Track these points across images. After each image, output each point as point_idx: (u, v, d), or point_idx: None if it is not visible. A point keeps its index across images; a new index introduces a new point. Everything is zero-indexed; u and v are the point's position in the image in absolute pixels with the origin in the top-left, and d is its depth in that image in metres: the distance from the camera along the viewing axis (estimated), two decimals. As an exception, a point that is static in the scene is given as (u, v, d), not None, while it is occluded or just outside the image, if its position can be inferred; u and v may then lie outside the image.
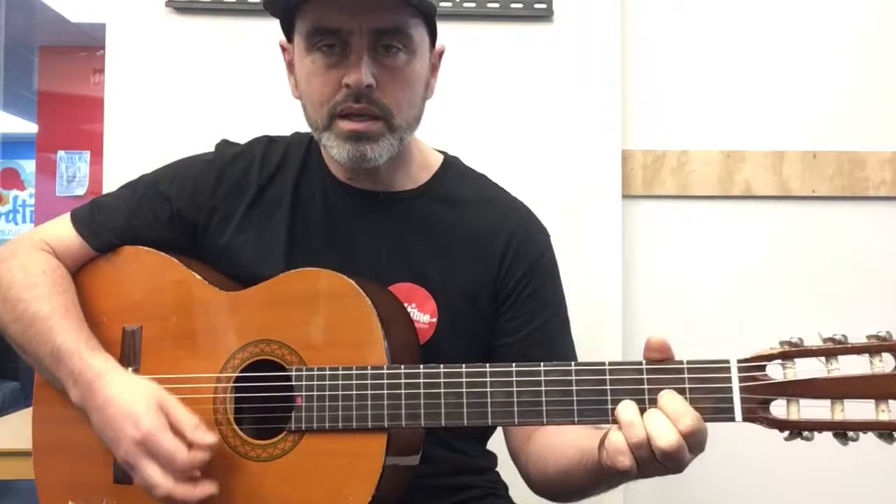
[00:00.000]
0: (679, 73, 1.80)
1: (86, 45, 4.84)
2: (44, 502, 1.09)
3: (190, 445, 0.92)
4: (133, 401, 0.94)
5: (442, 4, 1.70)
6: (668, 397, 0.83)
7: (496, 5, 1.73)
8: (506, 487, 1.21)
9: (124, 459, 0.93)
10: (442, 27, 1.14)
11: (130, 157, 1.68)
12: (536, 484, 1.08)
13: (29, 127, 5.86)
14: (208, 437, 0.93)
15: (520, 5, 1.73)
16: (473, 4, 1.73)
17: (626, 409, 0.83)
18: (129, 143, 1.70)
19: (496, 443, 1.19)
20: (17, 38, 5.06)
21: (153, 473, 0.91)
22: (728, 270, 1.78)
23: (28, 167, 6.66)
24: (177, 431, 0.93)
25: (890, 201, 1.79)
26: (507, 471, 1.21)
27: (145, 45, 1.72)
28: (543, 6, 1.74)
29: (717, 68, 1.80)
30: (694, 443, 0.81)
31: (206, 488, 0.92)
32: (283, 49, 1.11)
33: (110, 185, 1.67)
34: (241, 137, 1.21)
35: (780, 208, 1.79)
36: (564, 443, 0.99)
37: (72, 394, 0.99)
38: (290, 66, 1.10)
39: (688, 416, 0.81)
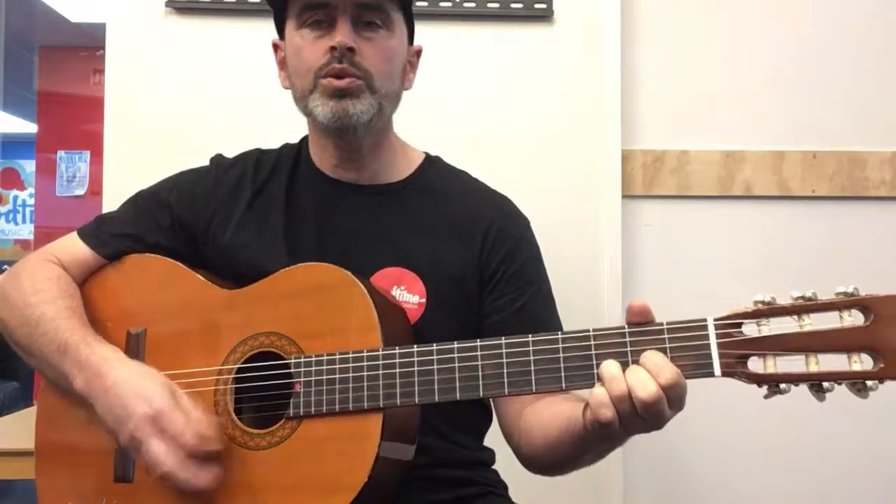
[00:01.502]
0: (679, 73, 1.80)
1: (86, 45, 4.84)
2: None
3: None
4: (145, 382, 0.97)
5: (442, 4, 1.70)
6: (649, 354, 0.86)
7: (496, 5, 1.73)
8: (505, 487, 1.21)
9: (131, 435, 0.94)
10: (442, 28, 1.16)
11: (130, 157, 1.69)
12: (527, 457, 1.10)
13: (29, 127, 5.86)
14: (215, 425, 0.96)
15: (520, 5, 1.73)
16: (473, 4, 1.72)
17: (610, 366, 0.87)
18: (129, 143, 1.70)
19: (496, 443, 1.19)
20: (17, 38, 5.06)
21: (160, 451, 0.92)
22: (728, 270, 1.77)
23: (28, 167, 6.67)
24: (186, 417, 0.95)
25: (890, 201, 1.79)
26: (507, 471, 1.21)
27: (145, 45, 1.73)
28: (543, 6, 1.74)
29: (717, 68, 1.80)
30: (674, 396, 0.85)
31: (210, 473, 0.94)
32: (276, 48, 1.21)
33: (110, 185, 1.68)
34: (240, 137, 1.24)
35: (780, 208, 1.79)
36: (553, 415, 1.03)
37: (76, 381, 1.00)
38: (282, 63, 1.19)
39: (667, 370, 0.84)
